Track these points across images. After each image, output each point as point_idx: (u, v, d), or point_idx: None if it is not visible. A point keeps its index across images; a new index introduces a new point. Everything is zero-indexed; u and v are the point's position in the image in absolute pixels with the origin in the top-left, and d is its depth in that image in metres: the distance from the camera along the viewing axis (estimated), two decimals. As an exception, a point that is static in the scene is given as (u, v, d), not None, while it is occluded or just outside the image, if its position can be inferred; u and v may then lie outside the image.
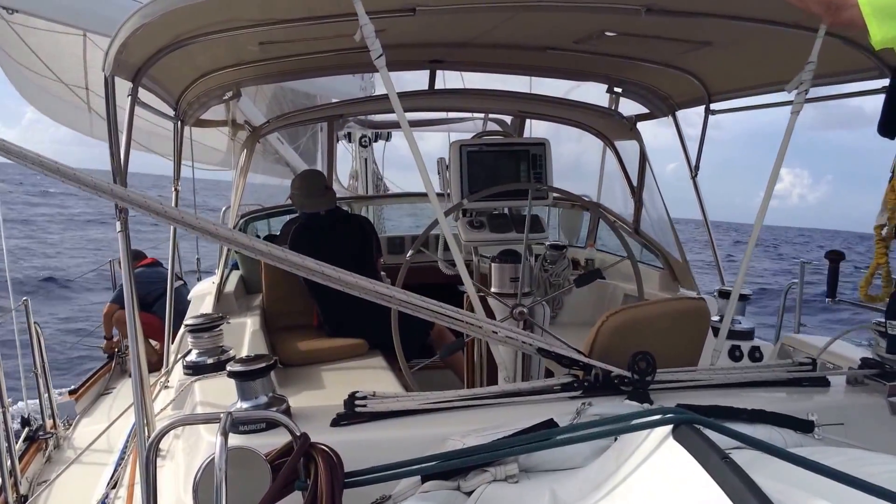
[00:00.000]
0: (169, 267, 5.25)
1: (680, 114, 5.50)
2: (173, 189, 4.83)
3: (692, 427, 1.73)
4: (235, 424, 2.40)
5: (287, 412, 2.62)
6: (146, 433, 2.84)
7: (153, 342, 8.80)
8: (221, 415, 2.03)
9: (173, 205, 4.32)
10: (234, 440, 2.30)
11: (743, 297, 4.73)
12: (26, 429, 6.25)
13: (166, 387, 4.42)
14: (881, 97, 3.25)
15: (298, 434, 2.10)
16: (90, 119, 9.64)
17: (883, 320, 3.07)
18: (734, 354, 4.38)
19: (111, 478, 4.60)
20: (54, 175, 2.21)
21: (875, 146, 3.26)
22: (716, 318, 4.22)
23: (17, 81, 9.37)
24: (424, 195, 2.85)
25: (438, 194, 3.99)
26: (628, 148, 5.97)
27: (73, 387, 8.06)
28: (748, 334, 4.57)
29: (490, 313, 3.96)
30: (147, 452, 2.19)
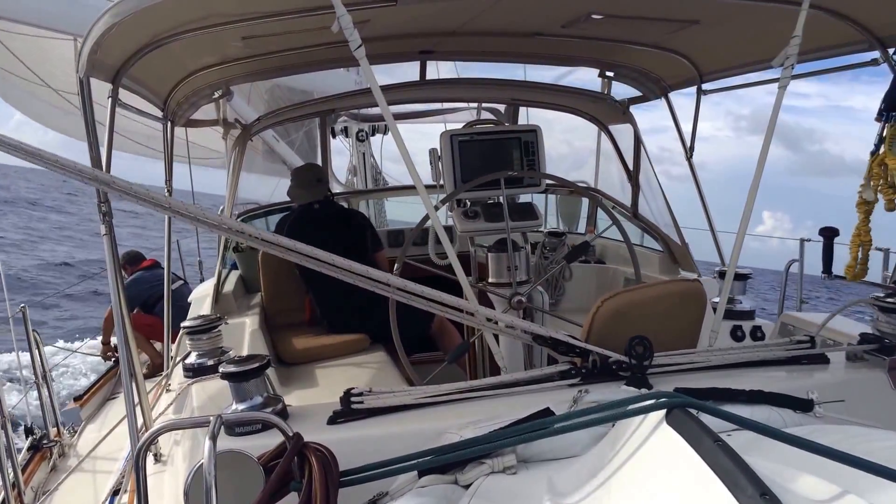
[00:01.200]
0: (165, 263, 5.22)
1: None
2: (166, 190, 4.81)
3: (686, 411, 1.71)
4: (231, 426, 2.38)
5: (283, 412, 2.60)
6: (139, 439, 2.82)
7: (158, 345, 8.80)
8: (211, 418, 2.01)
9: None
10: (230, 442, 2.28)
11: (743, 277, 4.69)
12: (30, 438, 6.24)
13: (167, 390, 4.41)
14: (874, 93, 3.26)
15: (291, 434, 2.08)
16: (83, 124, 9.61)
17: (881, 295, 3.05)
18: (736, 335, 4.35)
19: (114, 484, 4.59)
20: (34, 160, 2.19)
21: (852, 195, 3.33)
22: (717, 299, 4.19)
23: (3, 87, 9.33)
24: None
25: (432, 186, 3.98)
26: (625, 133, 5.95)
27: (78, 393, 8.07)
28: (749, 314, 4.53)
29: (491, 305, 3.94)
30: (136, 458, 2.17)
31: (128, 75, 3.32)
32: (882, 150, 3.26)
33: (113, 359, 9.59)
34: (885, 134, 3.27)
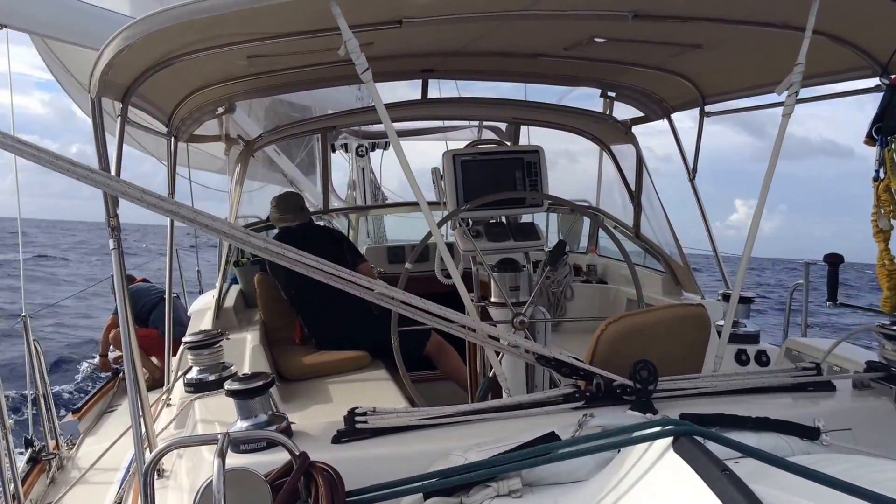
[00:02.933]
0: (167, 274, 5.20)
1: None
2: None
3: (692, 438, 1.72)
4: (235, 444, 2.38)
5: (287, 430, 2.60)
6: (145, 455, 2.82)
7: (153, 359, 8.79)
8: (219, 436, 2.01)
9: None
10: (235, 460, 2.28)
11: (746, 300, 4.69)
12: (29, 450, 6.22)
13: (168, 405, 4.40)
14: (862, 103, 3.25)
15: (297, 453, 2.09)
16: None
17: (888, 323, 3.04)
18: (741, 359, 4.34)
19: (115, 499, 4.58)
20: (50, 165, 2.21)
21: (821, 175, 3.29)
22: (721, 323, 4.19)
23: (73, 93, 9.36)
24: (418, 205, 2.84)
25: (434, 203, 3.99)
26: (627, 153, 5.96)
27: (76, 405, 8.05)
28: (754, 337, 4.53)
29: (493, 326, 3.94)
30: (144, 476, 2.17)
31: (136, 93, 3.34)
32: (883, 175, 3.25)
33: (112, 371, 9.57)
34: (884, 158, 3.26)
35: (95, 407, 8.12)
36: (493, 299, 4.13)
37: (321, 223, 7.04)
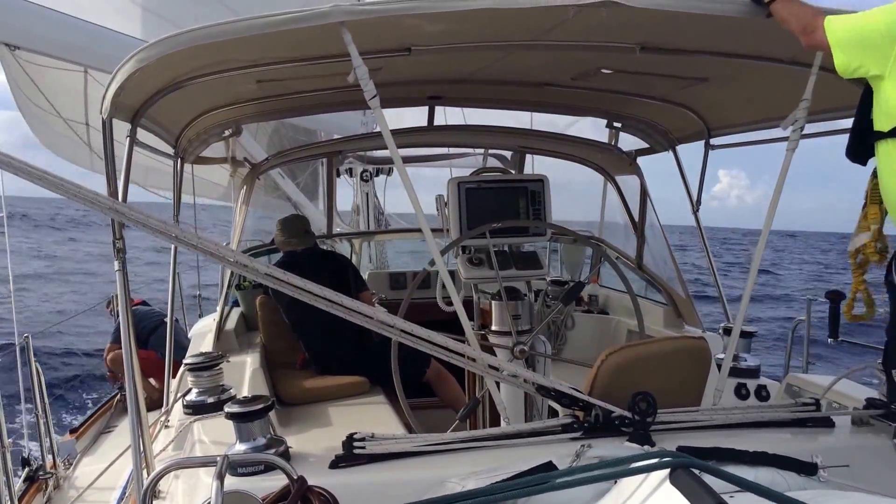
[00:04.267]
0: (169, 298, 5.21)
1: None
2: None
3: (689, 471, 1.71)
4: (233, 467, 2.38)
5: (285, 454, 2.60)
6: (143, 476, 2.81)
7: (152, 381, 8.76)
8: (218, 458, 2.01)
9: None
10: (233, 482, 2.28)
11: (747, 335, 4.69)
12: (26, 469, 6.19)
13: (166, 426, 4.39)
14: None
15: (295, 477, 2.08)
16: (90, 155, 9.66)
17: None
18: (740, 393, 4.33)
19: None
20: (56, 189, 2.23)
21: (801, 145, 3.17)
22: (721, 356, 4.18)
23: (28, 115, 9.42)
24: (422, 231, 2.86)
25: (437, 230, 4.00)
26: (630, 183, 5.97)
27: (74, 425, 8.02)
28: (754, 372, 4.52)
29: (493, 353, 3.94)
30: (143, 497, 2.17)
31: (145, 115, 3.37)
32: None
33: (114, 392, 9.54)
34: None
35: (93, 427, 8.10)
36: (493, 327, 4.13)
37: (325, 247, 7.04)
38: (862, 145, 2.79)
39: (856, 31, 2.56)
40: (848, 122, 4.07)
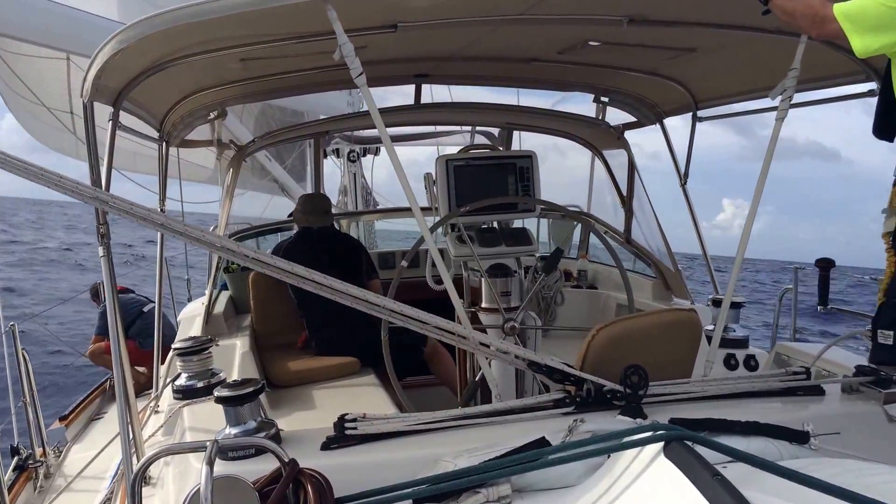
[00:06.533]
0: (157, 285, 5.18)
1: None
2: (160, 209, 4.79)
3: (683, 443, 1.71)
4: (224, 451, 2.36)
5: (276, 437, 2.58)
6: (133, 462, 2.80)
7: (138, 368, 8.72)
8: (207, 443, 1.99)
9: None
10: (224, 467, 2.26)
11: (736, 305, 4.69)
12: (15, 458, 6.16)
13: (156, 411, 4.37)
14: (863, 106, 3.21)
15: (287, 460, 2.07)
16: (76, 143, 9.60)
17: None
18: (729, 363, 4.34)
19: None
20: (38, 179, 2.20)
21: (807, 177, 3.19)
22: (710, 327, 4.18)
23: (14, 108, 9.36)
24: (411, 210, 2.83)
25: (426, 209, 3.97)
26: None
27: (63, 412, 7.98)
28: (743, 342, 4.53)
29: (483, 331, 3.93)
30: (133, 484, 2.15)
31: (127, 98, 3.32)
32: None
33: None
34: None
35: (83, 414, 8.07)
36: (483, 304, 4.12)
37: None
38: (888, 122, 2.77)
39: (869, 12, 2.51)
40: (835, 91, 4.08)
